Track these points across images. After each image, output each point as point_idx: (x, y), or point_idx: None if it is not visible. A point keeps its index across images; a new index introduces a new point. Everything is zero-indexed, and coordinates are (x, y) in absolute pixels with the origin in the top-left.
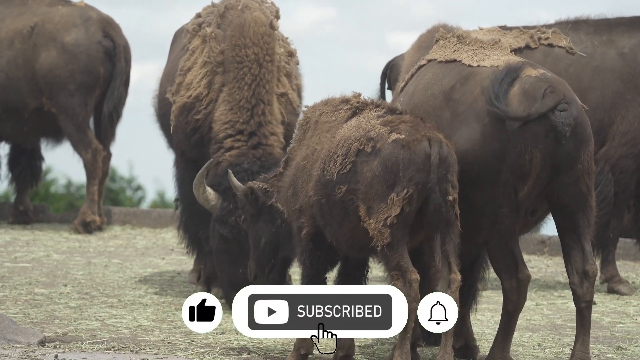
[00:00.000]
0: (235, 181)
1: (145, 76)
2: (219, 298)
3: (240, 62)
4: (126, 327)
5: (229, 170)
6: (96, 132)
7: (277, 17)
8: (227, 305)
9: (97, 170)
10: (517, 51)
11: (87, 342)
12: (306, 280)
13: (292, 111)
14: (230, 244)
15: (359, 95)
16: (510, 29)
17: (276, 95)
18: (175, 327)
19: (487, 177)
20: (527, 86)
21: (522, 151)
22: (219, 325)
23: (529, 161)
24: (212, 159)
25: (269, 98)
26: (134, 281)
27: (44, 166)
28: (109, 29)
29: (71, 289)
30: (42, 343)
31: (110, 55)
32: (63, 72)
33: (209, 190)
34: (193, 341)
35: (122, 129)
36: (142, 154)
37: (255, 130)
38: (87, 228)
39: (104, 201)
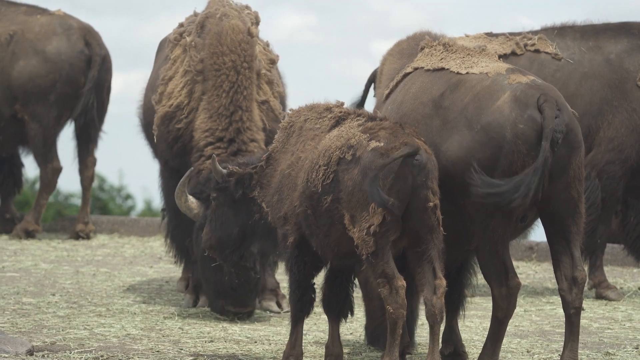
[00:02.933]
0: (217, 165)
1: (129, 85)
2: (206, 307)
3: (218, 69)
4: (114, 336)
5: (213, 155)
6: (77, 139)
7: (257, 23)
8: (213, 312)
9: (53, 186)
10: (503, 58)
11: (76, 351)
12: (294, 286)
13: (273, 118)
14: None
15: (342, 104)
16: (496, 35)
17: (257, 102)
18: (163, 336)
19: None
20: (518, 93)
21: (515, 159)
22: (208, 333)
23: (521, 169)
24: (192, 168)
25: (248, 105)
26: (122, 290)
27: (32, 175)
28: (89, 38)
29: (59, 298)
30: (30, 352)
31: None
32: (44, 82)
33: (191, 199)
34: (182, 349)
35: (111, 138)
36: (131, 162)
37: (235, 137)
38: (29, 235)
39: (92, 210)
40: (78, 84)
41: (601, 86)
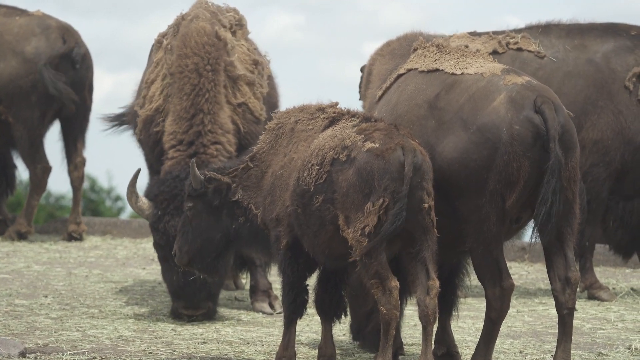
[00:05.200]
0: (196, 171)
1: (119, 86)
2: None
3: (181, 72)
4: (107, 337)
5: (192, 160)
6: (64, 140)
7: (240, 26)
8: (171, 315)
9: (43, 186)
10: None
11: (68, 352)
12: (287, 288)
13: (252, 120)
14: (164, 251)
15: (336, 104)
16: (480, 34)
17: (233, 104)
18: (156, 337)
19: (474, 185)
20: (514, 94)
21: (511, 159)
22: (201, 335)
23: (517, 170)
24: (139, 168)
25: (211, 107)
26: (114, 291)
27: (25, 176)
28: (68, 36)
29: (52, 299)
30: (22, 354)
31: (73, 63)
32: (24, 83)
33: (143, 199)
34: (174, 351)
35: (100, 140)
36: (122, 164)
37: (194, 140)
38: (22, 237)
39: (84, 212)
40: None
41: (585, 85)
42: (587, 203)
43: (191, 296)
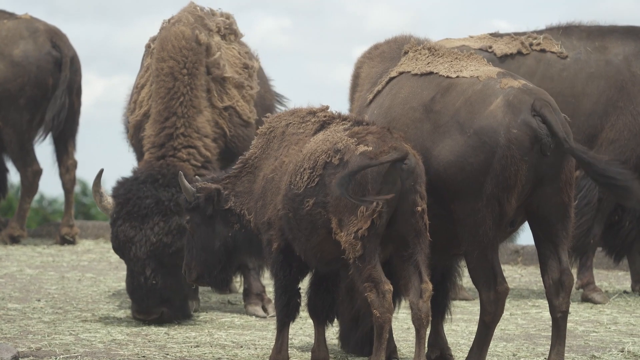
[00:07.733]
0: (186, 183)
1: (111, 90)
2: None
3: (157, 76)
4: (100, 341)
5: (180, 172)
6: (55, 143)
7: (229, 27)
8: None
9: (34, 189)
10: (509, 57)
11: (61, 356)
12: (279, 292)
13: (240, 123)
14: (116, 254)
15: (327, 107)
16: (501, 35)
17: (217, 108)
18: (149, 341)
19: (470, 189)
20: (511, 98)
21: (508, 163)
22: (194, 338)
23: (515, 173)
24: (102, 168)
25: (185, 111)
26: (107, 295)
27: (16, 180)
28: (56, 39)
29: (45, 303)
30: (15, 358)
31: (60, 65)
32: (13, 86)
33: (108, 199)
34: (167, 355)
35: (93, 142)
36: (115, 167)
37: (164, 142)
38: (14, 240)
39: (76, 215)
40: (46, 86)
41: (607, 87)
42: (597, 201)
43: (140, 301)
